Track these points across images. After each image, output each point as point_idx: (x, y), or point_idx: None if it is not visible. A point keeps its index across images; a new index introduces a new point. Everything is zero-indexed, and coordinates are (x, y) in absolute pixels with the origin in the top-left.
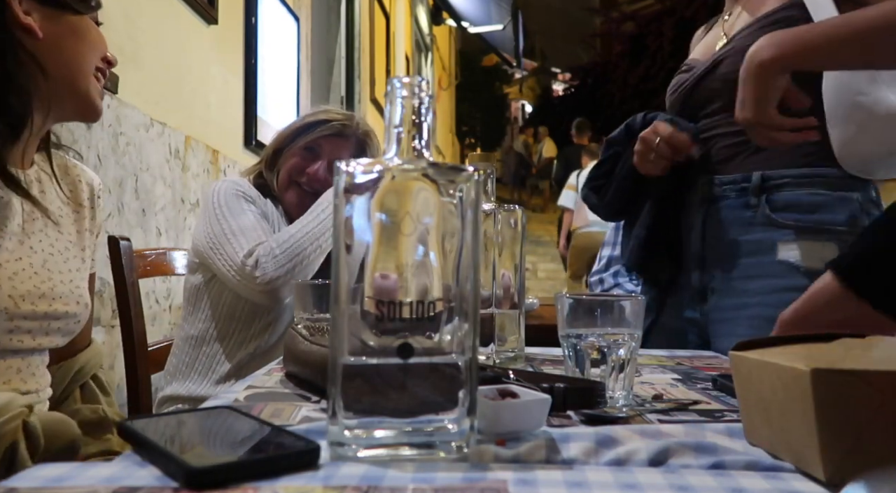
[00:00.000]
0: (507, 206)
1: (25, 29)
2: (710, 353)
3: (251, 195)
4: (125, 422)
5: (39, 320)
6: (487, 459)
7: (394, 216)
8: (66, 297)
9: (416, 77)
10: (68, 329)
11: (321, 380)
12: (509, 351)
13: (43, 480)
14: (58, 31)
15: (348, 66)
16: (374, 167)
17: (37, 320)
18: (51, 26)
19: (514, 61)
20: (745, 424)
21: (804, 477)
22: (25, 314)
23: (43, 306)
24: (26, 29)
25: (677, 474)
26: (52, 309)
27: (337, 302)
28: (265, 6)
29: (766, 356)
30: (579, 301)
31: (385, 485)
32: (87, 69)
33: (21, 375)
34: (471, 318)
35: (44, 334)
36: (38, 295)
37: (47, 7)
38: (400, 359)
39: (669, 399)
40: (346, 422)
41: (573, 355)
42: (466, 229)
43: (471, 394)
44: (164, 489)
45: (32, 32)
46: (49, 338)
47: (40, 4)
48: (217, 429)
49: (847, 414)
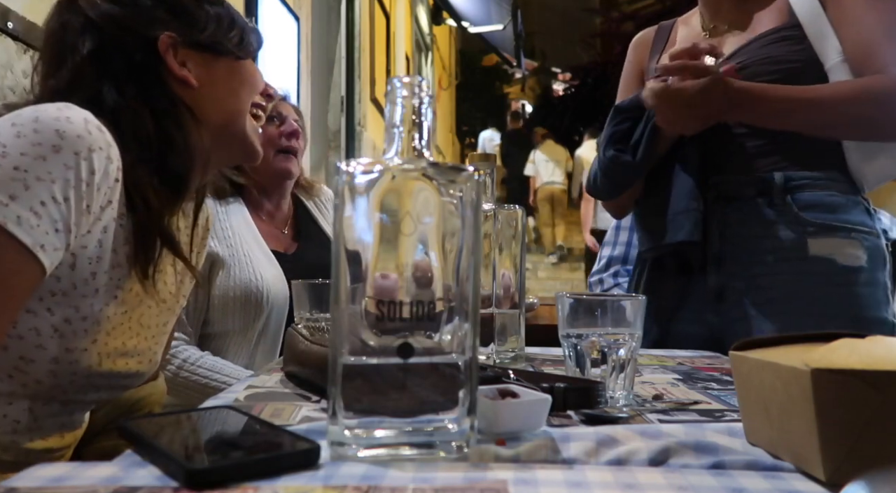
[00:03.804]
0: (507, 206)
1: (181, 81)
2: (710, 353)
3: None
4: (125, 422)
5: (110, 377)
6: (487, 459)
7: (394, 216)
8: (142, 355)
9: (416, 77)
10: (131, 385)
11: (321, 380)
12: (509, 351)
13: (43, 480)
14: (213, 76)
15: (348, 66)
16: (374, 167)
17: (109, 377)
18: (205, 73)
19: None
20: (745, 424)
21: (804, 477)
22: (102, 373)
23: (120, 364)
24: (182, 81)
25: (677, 473)
26: (127, 368)
27: (337, 302)
28: (265, 6)
29: (766, 356)
30: (579, 301)
31: (385, 485)
32: (243, 109)
33: (62, 431)
34: (471, 318)
35: (107, 389)
36: (121, 353)
37: (202, 52)
38: (400, 359)
39: (670, 399)
40: (347, 422)
41: (573, 355)
42: (466, 229)
43: (471, 394)
44: (164, 489)
45: (189, 83)
46: (110, 393)
47: (197, 52)
48: (217, 429)
49: (847, 414)
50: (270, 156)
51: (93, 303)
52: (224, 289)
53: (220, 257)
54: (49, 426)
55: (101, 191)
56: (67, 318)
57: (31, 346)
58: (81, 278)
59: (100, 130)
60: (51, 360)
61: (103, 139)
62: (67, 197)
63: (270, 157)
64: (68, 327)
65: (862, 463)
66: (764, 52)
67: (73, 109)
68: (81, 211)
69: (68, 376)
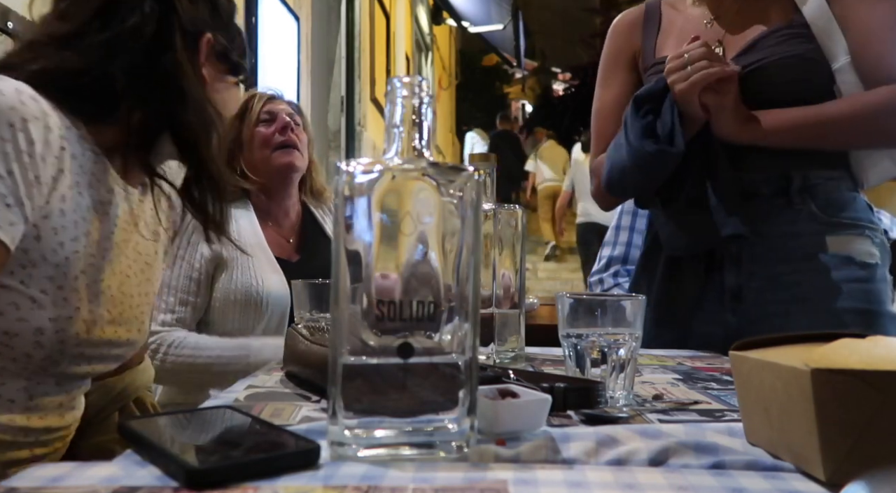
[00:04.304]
0: (507, 206)
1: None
2: (710, 353)
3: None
4: (125, 422)
5: (101, 346)
6: (487, 459)
7: (394, 216)
8: (130, 323)
9: (416, 77)
10: (124, 355)
11: (321, 380)
12: (509, 351)
13: (43, 480)
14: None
15: (348, 66)
16: (374, 167)
17: (99, 346)
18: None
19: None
20: (745, 424)
21: (804, 477)
22: (93, 341)
23: (109, 332)
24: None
25: (677, 473)
26: (116, 336)
27: (337, 302)
28: (265, 6)
29: (766, 356)
30: (579, 301)
31: (385, 485)
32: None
33: (61, 410)
34: (471, 318)
35: (99, 360)
36: (108, 321)
37: (221, 64)
38: (400, 359)
39: (670, 399)
40: (347, 422)
41: (573, 355)
42: (466, 229)
43: (471, 394)
44: (164, 489)
45: (203, 81)
46: (104, 364)
47: (217, 60)
48: (217, 429)
49: (847, 414)
50: (269, 155)
51: (66, 272)
52: (225, 291)
53: (224, 259)
54: (46, 406)
55: (46, 161)
56: (43, 289)
57: (13, 320)
58: (49, 248)
59: (34, 99)
60: (35, 331)
61: (38, 108)
62: (11, 170)
63: (269, 156)
64: (46, 298)
65: (862, 463)
66: (782, 49)
67: (5, 81)
68: (30, 182)
69: (57, 346)
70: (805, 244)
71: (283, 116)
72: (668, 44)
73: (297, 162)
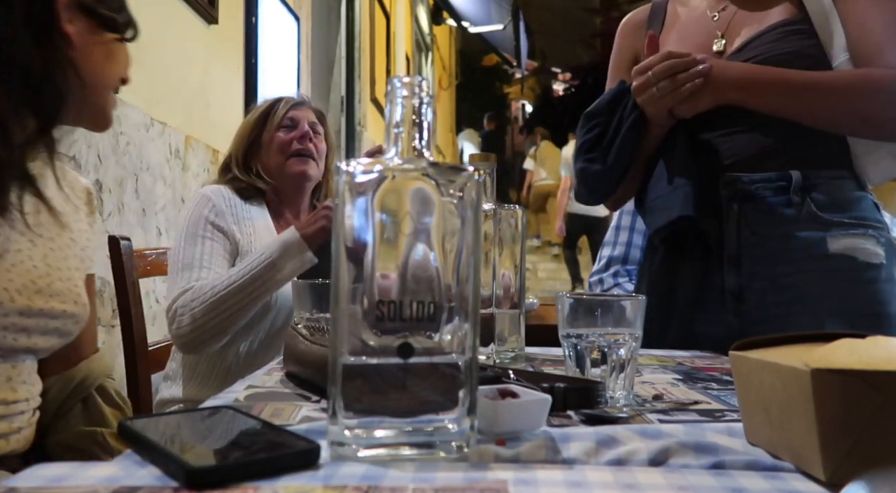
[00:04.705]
0: (507, 206)
1: (63, 36)
2: (710, 353)
3: (221, 210)
4: (125, 422)
5: (35, 317)
6: (487, 459)
7: (394, 216)
8: (63, 295)
9: (416, 77)
10: (66, 330)
11: (321, 380)
12: (509, 351)
13: (43, 480)
14: (92, 46)
15: (348, 66)
16: (374, 167)
17: (32, 317)
18: (86, 39)
19: (515, 61)
20: (745, 424)
21: (804, 477)
22: (21, 310)
23: (39, 302)
24: (64, 36)
25: (677, 473)
26: (49, 307)
27: (337, 302)
28: (265, 6)
29: (766, 356)
30: (579, 301)
31: (385, 485)
32: (109, 84)
33: (11, 383)
34: (471, 318)
35: (40, 333)
36: (35, 290)
37: (92, 20)
38: (400, 359)
39: (670, 399)
40: (347, 422)
41: (573, 355)
42: (466, 229)
43: (471, 394)
44: (164, 489)
45: (69, 41)
46: (45, 338)
47: (85, 16)
48: (217, 429)
49: (847, 414)
50: (283, 162)
51: None
52: None
53: (241, 248)
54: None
55: None
56: None
57: None
58: None
59: None
60: None
61: None
62: None
63: (283, 163)
64: None
65: (862, 463)
66: (779, 46)
67: None
68: None
69: None
70: (806, 245)
71: (305, 124)
72: (669, 38)
73: (311, 171)
